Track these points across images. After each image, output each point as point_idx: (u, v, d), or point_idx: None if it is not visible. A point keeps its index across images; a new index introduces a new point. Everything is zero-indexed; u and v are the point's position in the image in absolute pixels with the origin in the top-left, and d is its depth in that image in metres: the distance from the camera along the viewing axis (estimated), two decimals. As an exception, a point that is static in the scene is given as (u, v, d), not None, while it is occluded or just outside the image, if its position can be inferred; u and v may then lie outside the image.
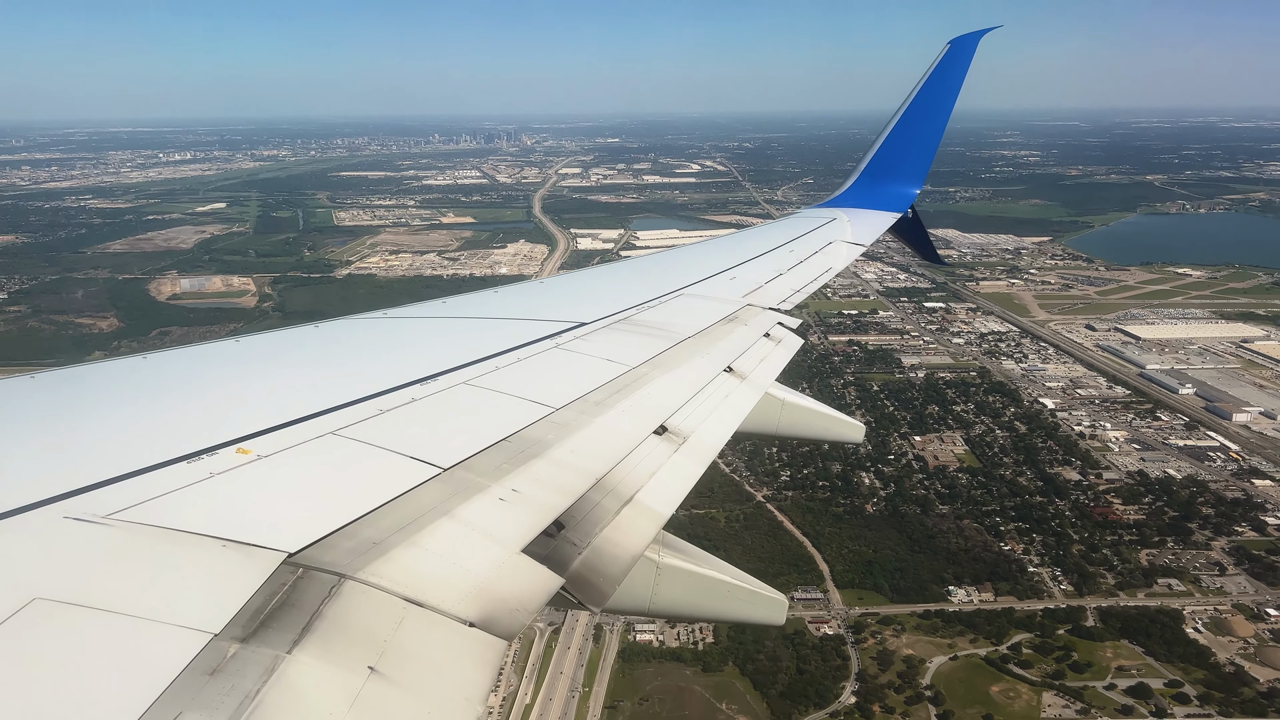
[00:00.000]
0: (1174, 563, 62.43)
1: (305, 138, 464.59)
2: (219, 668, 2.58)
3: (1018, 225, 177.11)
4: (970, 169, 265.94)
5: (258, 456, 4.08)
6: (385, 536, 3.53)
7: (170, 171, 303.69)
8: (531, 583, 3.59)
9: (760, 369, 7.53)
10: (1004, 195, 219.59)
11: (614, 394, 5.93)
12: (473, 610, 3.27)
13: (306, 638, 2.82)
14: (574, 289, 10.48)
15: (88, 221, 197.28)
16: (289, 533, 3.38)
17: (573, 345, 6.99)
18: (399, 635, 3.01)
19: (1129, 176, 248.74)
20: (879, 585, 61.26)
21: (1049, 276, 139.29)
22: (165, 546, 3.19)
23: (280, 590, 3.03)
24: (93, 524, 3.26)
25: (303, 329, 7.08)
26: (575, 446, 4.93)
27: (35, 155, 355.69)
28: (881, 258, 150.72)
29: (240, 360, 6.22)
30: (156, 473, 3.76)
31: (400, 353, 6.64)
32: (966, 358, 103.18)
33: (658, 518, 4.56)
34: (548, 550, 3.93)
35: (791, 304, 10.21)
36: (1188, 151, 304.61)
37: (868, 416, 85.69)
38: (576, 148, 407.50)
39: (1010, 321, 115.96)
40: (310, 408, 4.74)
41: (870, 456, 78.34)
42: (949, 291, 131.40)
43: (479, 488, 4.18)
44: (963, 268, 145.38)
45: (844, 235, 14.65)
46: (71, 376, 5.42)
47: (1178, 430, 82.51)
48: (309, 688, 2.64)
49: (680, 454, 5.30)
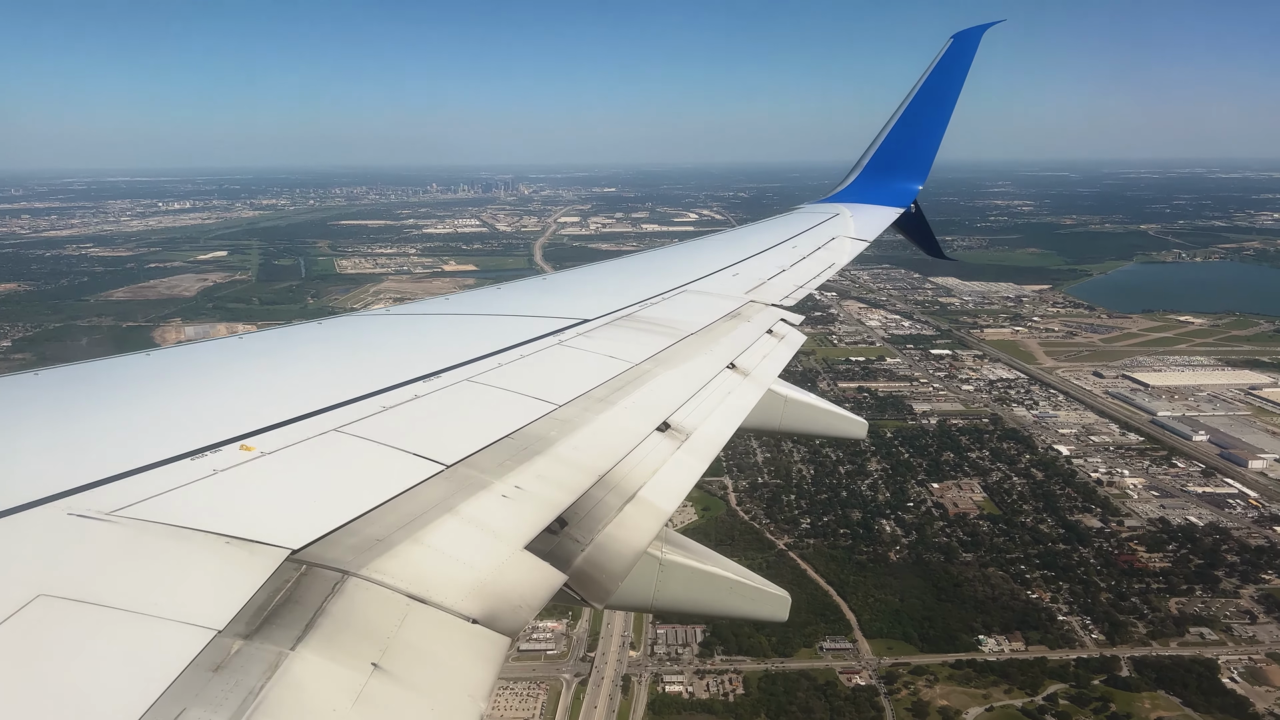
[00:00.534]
0: (1204, 611, 61.67)
1: (303, 187, 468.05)
2: (223, 664, 2.58)
3: (1017, 273, 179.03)
4: (965, 218, 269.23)
5: (261, 453, 4.08)
6: (388, 533, 3.53)
7: (170, 220, 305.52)
8: (534, 579, 3.59)
9: (763, 365, 7.53)
10: (1001, 244, 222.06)
11: (616, 390, 5.94)
12: (476, 607, 3.25)
13: (310, 634, 2.80)
14: (576, 285, 10.45)
15: (90, 269, 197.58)
16: (292, 529, 3.37)
17: (575, 342, 6.99)
18: (402, 632, 3.00)
19: (1123, 226, 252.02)
20: (908, 634, 60.34)
21: (1052, 324, 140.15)
22: (169, 543, 3.19)
23: (284, 587, 3.01)
24: (97, 521, 3.27)
25: (306, 326, 7.11)
26: (578, 443, 4.93)
27: (34, 204, 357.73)
28: (885, 305, 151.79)
29: (243, 357, 6.23)
30: (160, 470, 3.76)
31: (403, 350, 6.64)
32: (978, 404, 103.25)
33: (661, 514, 4.55)
34: (550, 547, 3.92)
35: (794, 300, 10.18)
36: (1178, 201, 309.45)
37: (884, 464, 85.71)
38: (574, 197, 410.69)
39: (1018, 368, 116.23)
40: (313, 404, 4.74)
41: (890, 504, 78.20)
42: (955, 338, 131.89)
43: (482, 484, 4.17)
44: (966, 315, 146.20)
45: (847, 231, 14.51)
46: (75, 373, 5.40)
47: (1195, 477, 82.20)
48: (312, 684, 2.63)
49: (683, 450, 5.32)
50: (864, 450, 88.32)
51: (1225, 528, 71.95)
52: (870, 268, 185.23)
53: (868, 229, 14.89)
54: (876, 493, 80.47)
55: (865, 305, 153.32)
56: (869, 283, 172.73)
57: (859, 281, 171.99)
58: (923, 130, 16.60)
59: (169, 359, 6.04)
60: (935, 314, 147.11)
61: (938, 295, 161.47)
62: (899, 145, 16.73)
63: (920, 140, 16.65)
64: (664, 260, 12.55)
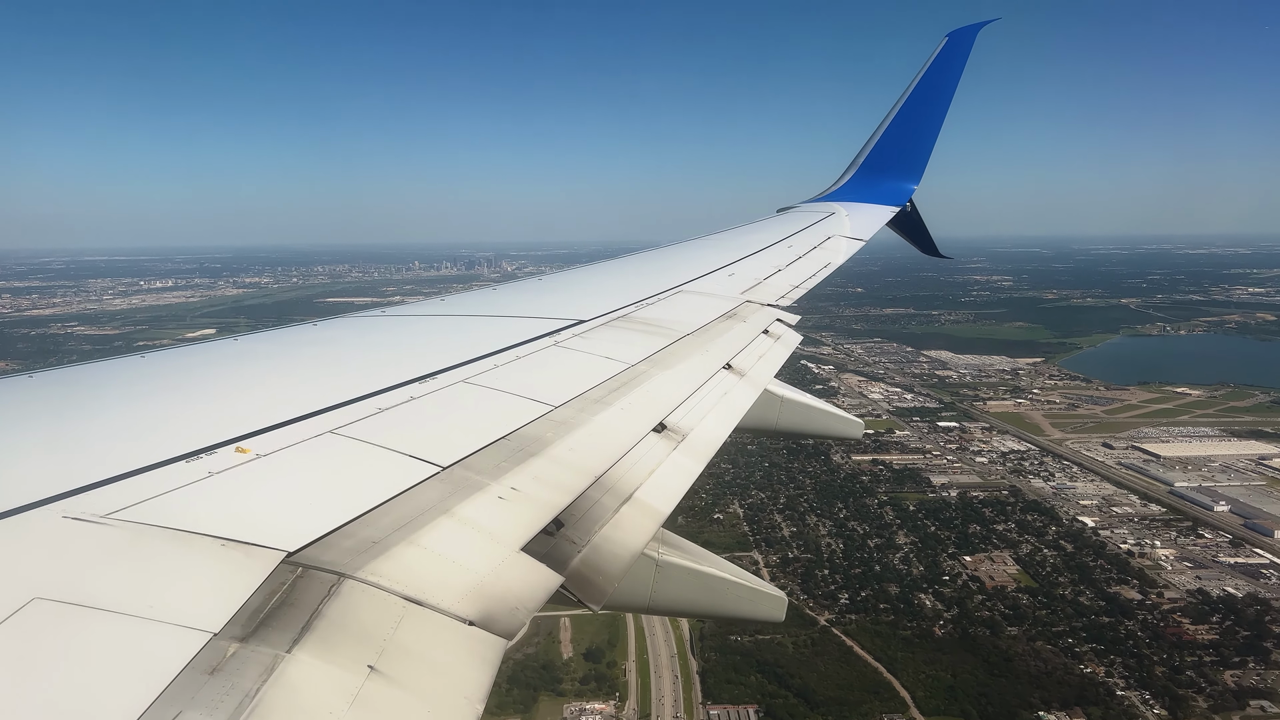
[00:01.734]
0: (1260, 683, 61.31)
1: (285, 265, 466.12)
2: (218, 667, 2.57)
3: (1008, 346, 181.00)
4: (949, 293, 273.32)
5: (256, 455, 4.05)
6: (384, 535, 3.52)
7: (153, 299, 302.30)
8: (531, 581, 3.58)
9: (759, 366, 7.51)
10: (987, 318, 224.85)
11: (613, 391, 5.92)
12: (472, 609, 3.24)
13: (306, 637, 2.79)
14: (572, 286, 10.39)
15: (77, 348, 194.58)
16: (288, 532, 3.35)
17: (571, 343, 6.97)
18: (398, 634, 2.99)
19: (1104, 300, 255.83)
20: (966, 712, 59.28)
21: (1052, 396, 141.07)
22: (164, 546, 3.16)
23: (279, 589, 3.00)
24: (92, 523, 3.24)
25: (301, 328, 7.05)
26: (574, 444, 4.92)
27: (14, 283, 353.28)
28: (884, 379, 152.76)
29: (238, 359, 6.19)
30: (155, 472, 3.73)
31: (399, 351, 6.61)
32: (994, 476, 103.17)
33: (657, 515, 4.55)
34: (547, 548, 3.91)
35: (791, 300, 10.15)
36: (1153, 276, 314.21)
37: (912, 537, 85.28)
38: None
39: (1027, 440, 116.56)
40: (309, 406, 4.71)
41: (925, 577, 77.68)
42: (959, 411, 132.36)
43: (478, 486, 4.16)
44: (965, 387, 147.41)
45: (842, 230, 14.41)
46: (69, 376, 5.40)
47: (1224, 548, 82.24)
48: (308, 687, 2.62)
49: (679, 451, 5.31)
50: (889, 523, 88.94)
51: (1264, 599, 71.80)
52: (863, 341, 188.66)
53: (863, 228, 14.76)
54: (910, 566, 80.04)
55: (864, 379, 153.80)
56: (864, 356, 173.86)
57: (853, 355, 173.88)
58: (918, 129, 16.54)
59: (164, 361, 6.03)
60: (935, 387, 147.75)
61: (934, 368, 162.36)
62: (894, 144, 16.63)
63: (915, 139, 16.56)
64: (660, 261, 12.46)
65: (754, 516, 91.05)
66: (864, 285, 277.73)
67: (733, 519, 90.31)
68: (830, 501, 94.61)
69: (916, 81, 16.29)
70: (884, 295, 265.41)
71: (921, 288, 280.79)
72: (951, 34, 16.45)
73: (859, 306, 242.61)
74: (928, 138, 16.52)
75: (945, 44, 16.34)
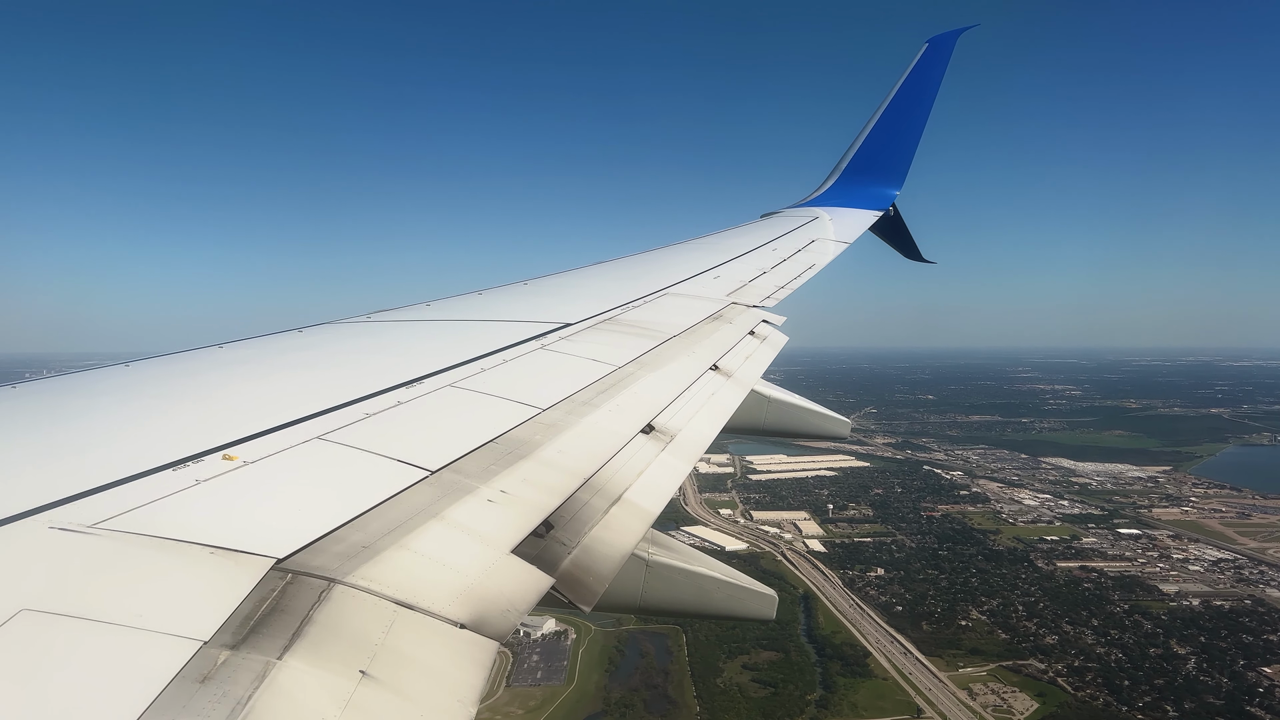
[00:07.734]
0: None
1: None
2: (209, 675, 2.50)
3: (1124, 455, 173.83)
4: (1025, 401, 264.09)
5: (244, 462, 3.95)
6: (374, 540, 3.45)
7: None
8: (522, 583, 3.51)
9: (746, 366, 7.48)
10: (1080, 426, 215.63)
11: (600, 394, 5.86)
12: (463, 612, 3.18)
13: (297, 643, 2.73)
14: (558, 290, 10.32)
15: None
16: (277, 538, 3.28)
17: (558, 346, 6.92)
18: (390, 638, 2.92)
19: (1192, 410, 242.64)
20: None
21: (1212, 504, 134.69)
22: (153, 555, 3.09)
23: (269, 596, 2.94)
24: (79, 534, 3.16)
25: (287, 334, 6.90)
26: (563, 446, 4.84)
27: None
28: (1024, 485, 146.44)
29: (225, 366, 6.05)
30: (142, 481, 3.63)
31: (386, 356, 6.52)
32: (1222, 585, 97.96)
33: (647, 515, 4.50)
34: (537, 550, 3.84)
35: (776, 301, 10.13)
36: (1219, 387, 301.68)
37: (1187, 646, 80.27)
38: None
39: (1227, 549, 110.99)
40: (296, 412, 4.63)
41: (1239, 689, 72.35)
42: (1130, 518, 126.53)
43: (467, 489, 4.09)
44: (1118, 495, 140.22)
45: (826, 233, 14.51)
46: (55, 386, 5.32)
47: None
48: (300, 692, 2.56)
49: (668, 452, 5.25)
50: (1151, 633, 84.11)
51: None
52: (971, 447, 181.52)
53: (847, 231, 14.84)
54: (1211, 677, 75.13)
55: (1003, 484, 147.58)
56: (983, 463, 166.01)
57: (971, 461, 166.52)
58: (900, 134, 16.62)
59: (150, 370, 5.86)
60: (1082, 494, 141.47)
61: (1067, 476, 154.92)
62: (876, 149, 16.69)
63: (898, 144, 16.63)
64: (645, 264, 12.45)
65: (1003, 623, 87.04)
66: (934, 393, 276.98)
67: (981, 626, 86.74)
68: (1073, 609, 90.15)
69: (898, 87, 16.40)
70: (957, 403, 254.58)
71: (997, 395, 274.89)
72: (931, 40, 16.65)
73: (942, 413, 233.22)
74: (910, 142, 16.60)
75: (925, 50, 16.50)
